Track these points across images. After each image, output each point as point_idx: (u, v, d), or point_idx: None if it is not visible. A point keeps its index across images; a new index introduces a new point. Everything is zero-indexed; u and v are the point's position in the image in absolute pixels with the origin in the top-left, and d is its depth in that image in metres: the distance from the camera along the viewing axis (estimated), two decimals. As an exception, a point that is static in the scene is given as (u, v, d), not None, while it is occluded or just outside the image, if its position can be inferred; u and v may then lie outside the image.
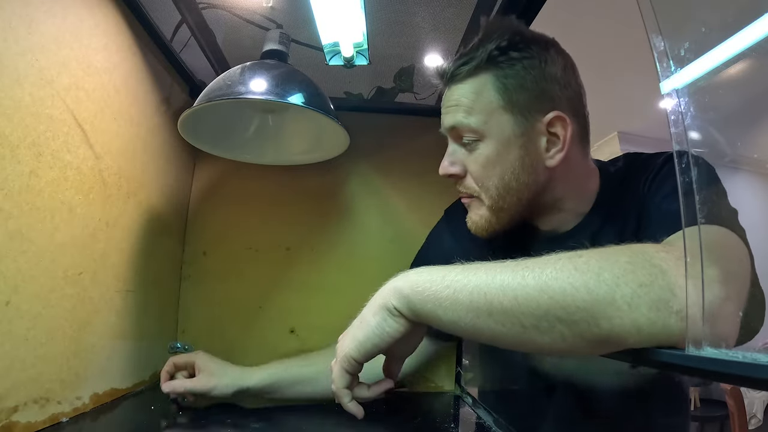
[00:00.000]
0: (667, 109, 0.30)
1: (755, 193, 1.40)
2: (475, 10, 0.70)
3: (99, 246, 0.58)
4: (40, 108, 0.46)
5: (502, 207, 0.55)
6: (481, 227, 0.57)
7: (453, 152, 0.56)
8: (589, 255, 0.35)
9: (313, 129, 0.78)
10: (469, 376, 0.85)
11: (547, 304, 0.34)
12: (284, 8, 0.70)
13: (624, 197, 0.56)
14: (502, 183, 0.54)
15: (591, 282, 0.33)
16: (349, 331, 0.45)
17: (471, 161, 0.55)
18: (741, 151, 0.45)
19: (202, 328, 0.84)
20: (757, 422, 2.31)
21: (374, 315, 0.43)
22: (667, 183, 0.51)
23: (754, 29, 0.33)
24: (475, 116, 0.53)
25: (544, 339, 0.35)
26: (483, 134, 0.53)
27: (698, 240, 0.29)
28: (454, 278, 0.40)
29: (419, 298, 0.41)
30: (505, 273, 0.37)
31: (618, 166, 0.60)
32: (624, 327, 0.32)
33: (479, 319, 0.38)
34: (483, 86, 0.53)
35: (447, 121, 0.55)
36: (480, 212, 0.57)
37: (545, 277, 0.35)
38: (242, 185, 0.89)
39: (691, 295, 0.29)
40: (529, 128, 0.52)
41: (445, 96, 0.57)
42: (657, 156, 0.55)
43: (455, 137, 0.56)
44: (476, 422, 0.64)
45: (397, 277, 0.44)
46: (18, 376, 0.45)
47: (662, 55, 0.30)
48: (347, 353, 0.43)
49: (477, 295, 0.38)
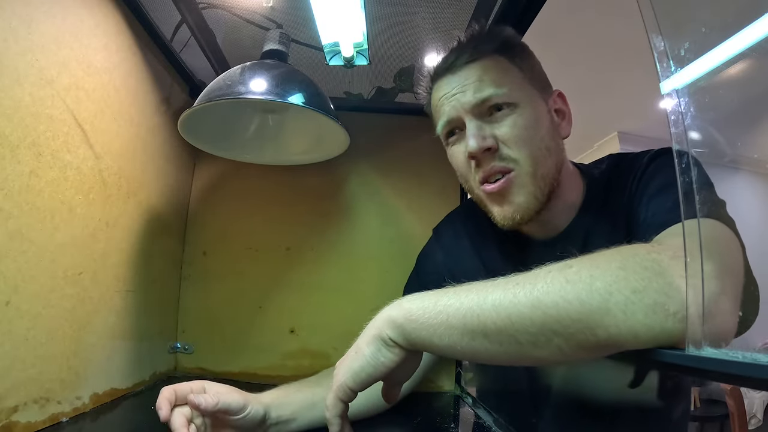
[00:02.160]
0: (667, 109, 0.30)
1: (755, 193, 1.40)
2: (475, 10, 0.70)
3: (99, 246, 0.58)
4: (40, 108, 0.46)
5: (543, 174, 0.54)
6: (524, 207, 0.54)
7: (479, 128, 0.54)
8: (580, 264, 0.35)
9: (313, 129, 0.78)
10: (469, 376, 0.85)
11: (542, 319, 0.34)
12: (284, 8, 0.70)
13: (611, 199, 0.56)
14: (543, 145, 0.55)
15: (583, 293, 0.33)
16: (344, 360, 0.45)
17: (504, 131, 0.54)
18: (741, 151, 0.45)
19: (202, 328, 0.84)
20: (757, 422, 2.31)
21: (368, 345, 0.43)
22: (653, 182, 0.51)
23: (754, 29, 0.33)
24: (506, 87, 0.54)
25: (542, 353, 0.35)
26: (517, 103, 0.55)
27: (694, 237, 0.29)
28: (446, 303, 0.39)
29: (413, 326, 0.40)
30: (497, 292, 0.37)
31: (602, 168, 0.60)
32: (621, 334, 0.32)
33: (475, 341, 0.38)
34: (500, 64, 0.56)
35: (474, 97, 0.54)
36: (522, 189, 0.54)
37: (537, 293, 0.35)
38: (242, 185, 0.89)
39: (690, 294, 0.29)
40: (546, 100, 0.58)
41: (452, 80, 0.56)
42: (641, 156, 0.56)
43: (479, 113, 0.55)
44: (476, 422, 0.64)
45: (390, 305, 0.44)
46: (18, 376, 0.45)
47: (662, 55, 0.30)
48: (343, 382, 0.43)
49: (470, 318, 0.37)
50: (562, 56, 2.31)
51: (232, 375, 0.82)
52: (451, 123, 0.57)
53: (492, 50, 0.57)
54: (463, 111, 0.55)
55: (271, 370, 0.83)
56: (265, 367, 0.83)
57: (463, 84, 0.55)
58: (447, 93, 0.57)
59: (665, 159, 0.53)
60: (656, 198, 0.48)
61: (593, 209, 0.57)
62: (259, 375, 0.82)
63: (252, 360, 0.83)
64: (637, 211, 0.50)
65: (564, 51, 2.28)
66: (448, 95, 0.57)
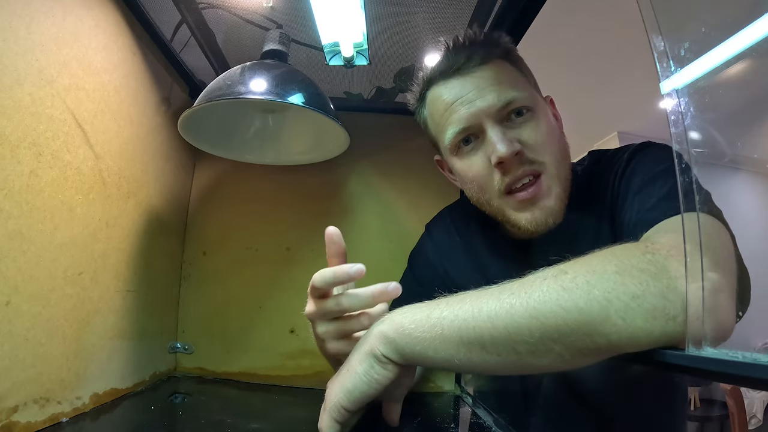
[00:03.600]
0: (667, 109, 0.30)
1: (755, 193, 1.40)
2: (475, 10, 0.70)
3: (99, 246, 0.58)
4: (40, 108, 0.46)
5: (565, 176, 0.55)
6: (556, 210, 0.53)
7: (503, 133, 0.52)
8: (575, 270, 0.34)
9: (313, 129, 0.78)
10: (469, 376, 0.85)
11: (540, 330, 0.33)
12: (284, 8, 0.70)
13: (594, 196, 0.56)
14: (560, 147, 0.55)
15: (581, 301, 0.32)
16: (337, 378, 0.44)
17: (528, 135, 0.53)
18: (741, 151, 0.45)
19: (202, 328, 0.84)
20: (757, 422, 2.31)
21: (361, 363, 0.41)
22: (634, 178, 0.50)
23: (754, 29, 0.33)
24: (524, 91, 0.54)
25: (542, 362, 0.35)
26: (533, 107, 0.54)
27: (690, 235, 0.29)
28: (439, 315, 0.39)
29: (406, 341, 0.39)
30: (491, 302, 0.36)
31: (584, 166, 0.60)
32: (621, 341, 0.31)
33: (472, 353, 0.37)
34: (507, 69, 0.56)
35: (499, 100, 0.52)
36: (551, 193, 0.53)
37: (533, 302, 0.34)
38: (242, 185, 0.89)
39: (689, 292, 0.29)
40: (546, 105, 0.58)
41: (464, 83, 0.54)
42: (622, 151, 0.55)
43: (500, 118, 0.53)
44: (476, 422, 0.64)
45: (381, 321, 0.42)
46: (18, 376, 0.45)
47: (662, 55, 0.30)
48: (336, 402, 0.41)
49: (466, 330, 0.37)
50: (562, 56, 2.31)
51: (232, 375, 0.82)
52: (468, 130, 0.54)
53: (498, 55, 0.55)
54: (484, 116, 0.53)
55: (271, 370, 0.82)
56: (265, 367, 0.83)
57: (480, 87, 0.53)
58: (461, 97, 0.54)
59: (645, 154, 0.52)
60: (640, 194, 0.48)
61: (578, 207, 0.57)
62: (259, 375, 0.82)
63: (252, 360, 0.83)
64: (623, 209, 0.50)
65: (564, 51, 2.28)
66: (463, 99, 0.53)
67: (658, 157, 0.50)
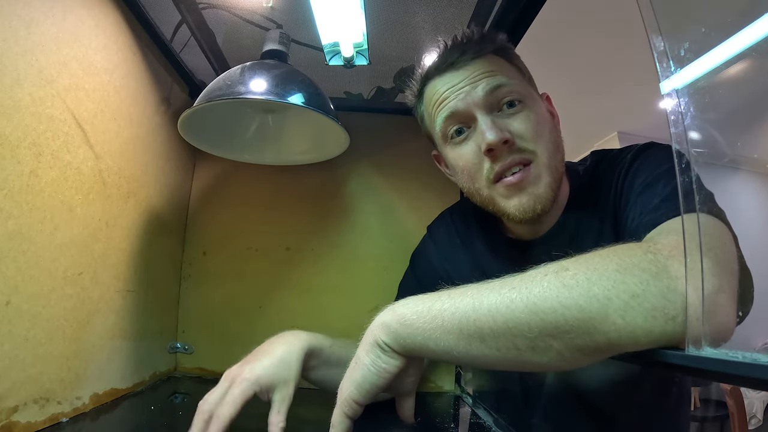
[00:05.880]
0: (667, 109, 0.30)
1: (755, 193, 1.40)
2: (475, 10, 0.70)
3: (99, 246, 0.58)
4: (40, 108, 0.46)
5: (556, 167, 0.54)
6: (544, 198, 0.53)
7: (492, 122, 0.53)
8: (576, 267, 0.34)
9: (313, 129, 0.78)
10: (468, 376, 0.85)
11: (539, 325, 0.33)
12: (284, 8, 0.70)
13: (597, 197, 0.56)
14: (552, 139, 0.55)
15: (581, 299, 0.32)
16: (346, 374, 0.43)
17: (519, 125, 0.53)
18: (741, 151, 0.45)
19: (202, 328, 0.84)
20: (757, 422, 2.31)
21: (367, 353, 0.42)
22: (637, 179, 0.50)
23: (754, 29, 0.33)
24: (516, 81, 0.55)
25: (542, 359, 0.35)
26: (525, 99, 0.55)
27: (692, 235, 0.29)
28: (441, 307, 0.39)
29: (408, 331, 0.40)
30: (492, 296, 0.36)
31: (586, 166, 0.60)
32: (621, 339, 0.31)
33: (472, 346, 0.37)
34: (500, 62, 0.56)
35: (488, 84, 0.53)
36: (540, 181, 0.53)
37: (533, 298, 0.34)
38: (242, 185, 0.89)
39: (689, 293, 0.29)
40: (541, 101, 0.59)
41: (456, 75, 0.55)
42: (625, 152, 0.55)
43: (491, 107, 0.54)
44: (476, 422, 0.64)
45: (384, 311, 0.43)
46: (18, 376, 0.45)
47: (662, 55, 0.30)
48: (348, 396, 0.41)
49: (466, 323, 0.37)
50: (562, 56, 2.31)
51: (232, 375, 0.81)
52: (456, 116, 0.55)
53: (492, 50, 0.57)
54: (474, 105, 0.53)
55: (271, 370, 0.82)
56: (265, 367, 0.83)
57: (472, 77, 0.54)
58: (452, 87, 0.55)
59: (648, 155, 0.52)
60: (643, 195, 0.48)
61: (579, 207, 0.57)
62: (259, 375, 0.82)
63: (252, 360, 0.83)
64: (625, 210, 0.50)
65: (564, 50, 2.28)
66: (455, 89, 0.54)
67: (662, 158, 0.50)
